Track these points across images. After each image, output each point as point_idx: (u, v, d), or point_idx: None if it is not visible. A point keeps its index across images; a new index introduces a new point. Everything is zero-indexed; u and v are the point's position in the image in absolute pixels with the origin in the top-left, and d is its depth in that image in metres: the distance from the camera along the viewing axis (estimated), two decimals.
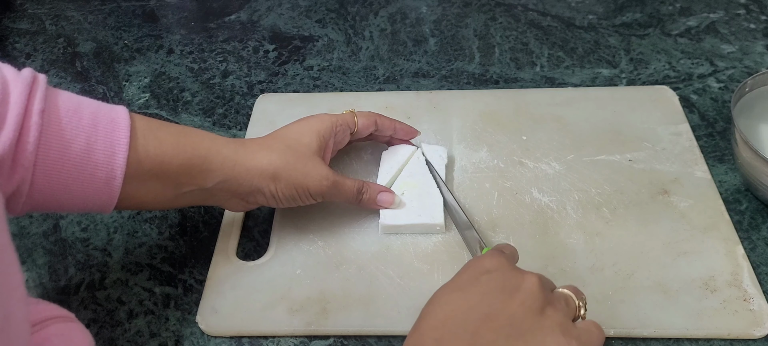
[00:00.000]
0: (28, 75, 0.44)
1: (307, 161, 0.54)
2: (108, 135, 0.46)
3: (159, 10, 0.92)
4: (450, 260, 0.56)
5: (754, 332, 0.50)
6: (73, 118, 0.45)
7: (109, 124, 0.46)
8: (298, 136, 0.55)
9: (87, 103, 0.47)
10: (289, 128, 0.56)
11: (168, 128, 0.50)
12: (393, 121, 0.62)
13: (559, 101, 0.71)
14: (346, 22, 0.87)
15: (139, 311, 0.55)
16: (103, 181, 0.46)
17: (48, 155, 0.44)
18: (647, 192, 0.60)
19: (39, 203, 0.45)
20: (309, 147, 0.54)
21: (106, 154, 0.46)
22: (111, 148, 0.46)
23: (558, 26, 0.84)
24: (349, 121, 0.58)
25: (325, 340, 0.52)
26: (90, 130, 0.45)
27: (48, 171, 0.44)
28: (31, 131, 0.42)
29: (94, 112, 0.46)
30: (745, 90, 0.62)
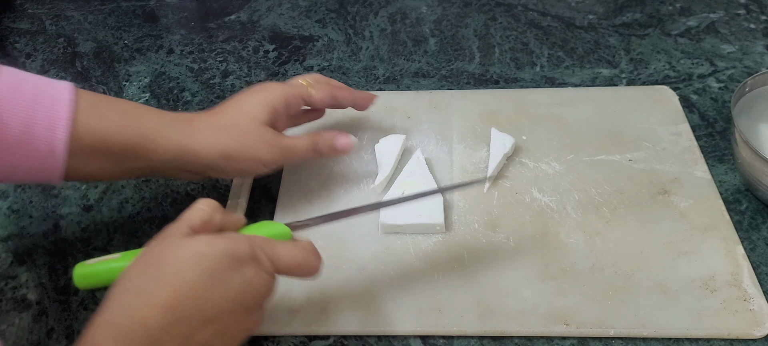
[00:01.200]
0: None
1: (256, 135, 0.54)
2: (48, 110, 0.47)
3: (159, 10, 0.92)
4: (450, 260, 0.56)
5: (754, 332, 0.50)
6: (13, 94, 0.46)
7: (51, 100, 0.47)
8: (247, 109, 0.54)
9: (30, 79, 0.48)
10: (239, 100, 0.56)
11: (114, 106, 0.51)
12: (351, 92, 0.61)
13: (559, 101, 0.71)
14: (346, 22, 0.87)
15: None
16: (45, 154, 0.47)
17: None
18: (647, 192, 0.60)
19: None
20: (258, 120, 0.54)
21: (46, 129, 0.46)
22: (51, 123, 0.47)
23: (558, 26, 0.84)
24: (303, 93, 0.58)
25: (325, 340, 0.52)
26: (30, 106, 0.46)
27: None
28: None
29: (35, 88, 0.47)
30: (745, 90, 0.62)
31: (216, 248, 0.41)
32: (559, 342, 0.51)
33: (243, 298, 0.41)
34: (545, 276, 0.54)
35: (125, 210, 0.64)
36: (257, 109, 0.54)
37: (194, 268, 0.40)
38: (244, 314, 0.42)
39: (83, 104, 0.48)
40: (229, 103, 0.56)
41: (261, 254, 0.43)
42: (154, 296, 0.39)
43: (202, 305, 0.39)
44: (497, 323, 0.51)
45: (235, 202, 0.62)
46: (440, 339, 0.52)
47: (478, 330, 0.51)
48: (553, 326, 0.51)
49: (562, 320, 0.51)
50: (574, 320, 0.51)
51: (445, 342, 0.51)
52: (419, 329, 0.52)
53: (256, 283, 0.42)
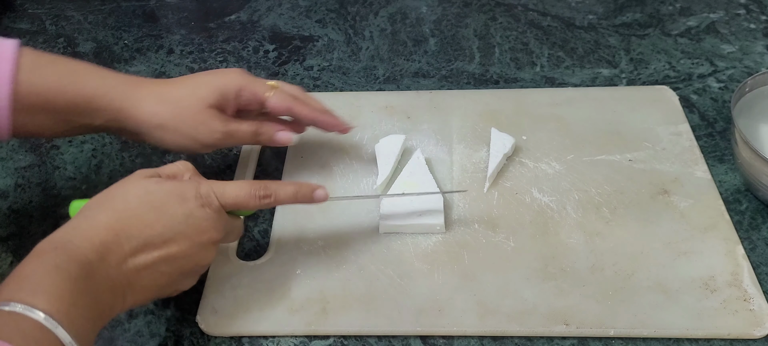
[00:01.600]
0: None
1: (197, 114, 0.54)
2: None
3: (159, 10, 0.92)
4: (450, 260, 0.56)
5: (754, 332, 0.50)
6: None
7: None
8: (194, 88, 0.55)
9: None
10: (193, 78, 0.57)
11: (56, 65, 0.52)
12: (313, 110, 0.59)
13: (559, 101, 0.71)
14: (346, 22, 0.87)
15: (139, 311, 0.55)
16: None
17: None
18: (647, 192, 0.60)
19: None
20: (204, 100, 0.54)
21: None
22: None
23: (558, 26, 0.84)
24: (260, 91, 0.57)
25: (325, 340, 0.52)
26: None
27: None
28: None
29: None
30: (745, 90, 0.62)
31: (163, 187, 0.46)
32: (559, 342, 0.51)
33: (186, 229, 0.45)
34: (545, 276, 0.54)
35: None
36: (205, 90, 0.55)
37: (139, 199, 0.45)
38: (191, 246, 0.46)
39: (26, 62, 0.50)
40: (183, 79, 0.57)
41: (208, 191, 0.47)
42: (99, 219, 0.44)
43: (143, 230, 0.44)
44: (497, 323, 0.51)
45: None
46: (440, 339, 0.52)
47: (478, 330, 0.51)
48: (553, 326, 0.51)
49: (562, 320, 0.51)
50: (574, 320, 0.51)
51: (445, 342, 0.51)
52: (419, 329, 0.52)
53: (199, 216, 0.46)
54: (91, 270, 0.41)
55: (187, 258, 0.46)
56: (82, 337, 0.39)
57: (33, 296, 0.38)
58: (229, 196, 0.48)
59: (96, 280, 0.42)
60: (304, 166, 0.65)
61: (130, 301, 0.45)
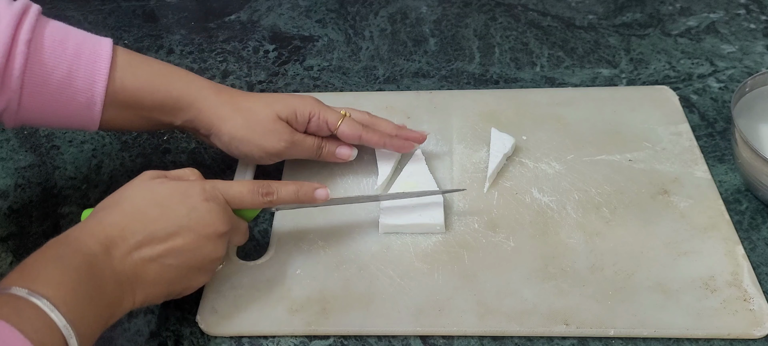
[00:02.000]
0: (19, 6, 0.50)
1: (267, 124, 0.57)
2: (89, 65, 0.51)
3: (159, 10, 0.92)
4: (450, 260, 0.56)
5: (754, 332, 0.50)
6: (58, 49, 0.51)
7: (92, 55, 0.52)
8: (270, 102, 0.58)
9: (74, 33, 0.52)
10: (268, 94, 0.60)
11: (148, 65, 0.55)
12: (383, 136, 0.61)
13: (559, 101, 0.71)
14: (346, 22, 0.87)
15: (139, 311, 0.55)
16: (83, 105, 0.52)
17: (32, 80, 0.50)
18: (647, 192, 0.60)
19: (28, 119, 0.52)
20: (276, 112, 0.57)
21: (86, 82, 0.51)
22: (91, 77, 0.51)
23: (558, 26, 0.84)
24: (331, 119, 0.59)
25: (325, 340, 0.52)
26: (73, 60, 0.51)
27: (33, 94, 0.50)
28: (17, 59, 0.48)
29: (79, 43, 0.52)
30: (745, 90, 0.62)
31: (168, 185, 0.49)
32: (559, 342, 0.51)
33: (190, 222, 0.47)
34: (545, 276, 0.54)
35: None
36: (280, 105, 0.58)
37: (144, 197, 0.47)
38: (197, 239, 0.47)
39: (121, 62, 0.53)
40: (260, 94, 0.61)
41: (212, 187, 0.50)
42: (105, 218, 0.46)
43: (147, 225, 0.46)
44: (497, 323, 0.51)
45: None
46: (440, 339, 0.52)
47: (478, 330, 0.51)
48: (553, 326, 0.51)
49: (562, 320, 0.51)
50: (574, 320, 0.51)
51: (445, 342, 0.51)
52: (419, 329, 0.52)
53: (203, 209, 0.48)
54: (95, 262, 0.43)
55: (193, 251, 0.47)
56: (82, 325, 0.40)
57: (33, 282, 0.39)
58: (233, 192, 0.51)
59: (100, 271, 0.43)
60: (304, 167, 0.65)
61: (140, 296, 0.46)
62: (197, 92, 0.56)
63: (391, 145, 0.61)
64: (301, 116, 0.58)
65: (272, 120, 0.57)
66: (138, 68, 0.54)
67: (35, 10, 0.51)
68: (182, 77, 0.57)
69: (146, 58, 0.56)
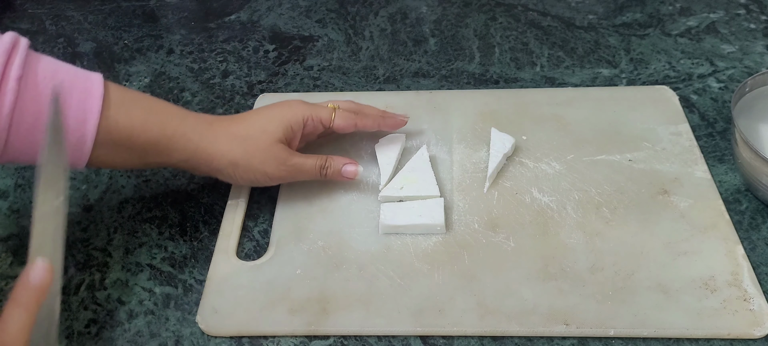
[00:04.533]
0: (8, 40, 0.47)
1: (267, 150, 0.56)
2: (81, 103, 0.49)
3: (159, 10, 0.92)
4: (450, 260, 0.56)
5: (754, 332, 0.50)
6: (49, 84, 0.48)
7: (83, 93, 0.50)
8: (264, 125, 0.57)
9: (65, 70, 0.50)
10: (260, 113, 0.59)
11: (140, 103, 0.54)
12: (376, 119, 0.62)
13: (559, 101, 0.71)
14: (346, 22, 0.87)
15: (139, 311, 0.55)
16: (74, 144, 0.50)
17: (22, 119, 0.47)
18: (647, 192, 0.60)
19: (14, 158, 0.50)
20: (272, 135, 0.56)
21: (77, 121, 0.49)
22: (83, 116, 0.49)
23: (558, 26, 0.84)
24: (325, 117, 0.59)
25: (325, 340, 0.52)
26: (64, 98, 0.49)
27: (22, 132, 0.48)
28: (7, 97, 0.46)
29: (71, 80, 0.50)
30: (745, 90, 0.62)
31: None
32: (559, 342, 0.51)
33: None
34: (545, 276, 0.54)
35: (125, 210, 0.64)
36: (274, 125, 0.57)
37: None
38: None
39: (112, 99, 0.51)
40: (250, 114, 0.59)
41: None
42: None
43: None
44: (497, 323, 0.51)
45: (235, 202, 0.62)
46: (440, 339, 0.52)
47: (478, 330, 0.51)
48: (553, 326, 0.51)
49: (562, 320, 0.51)
50: (574, 320, 0.51)
51: (445, 342, 0.52)
52: (419, 329, 0.52)
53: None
54: None
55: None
56: None
57: None
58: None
59: None
60: None
61: None
62: (191, 130, 0.55)
63: (384, 125, 0.63)
64: (296, 127, 0.58)
65: (270, 145, 0.56)
66: (131, 106, 0.52)
67: (24, 44, 0.48)
68: (175, 114, 0.55)
69: (138, 95, 0.55)
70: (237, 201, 0.62)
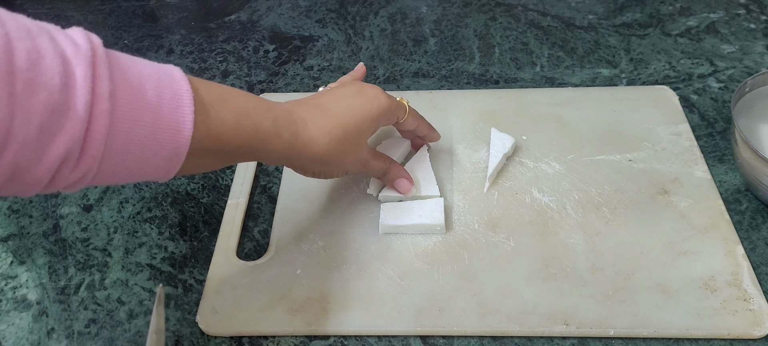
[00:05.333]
0: (86, 47, 0.38)
1: (358, 149, 0.55)
2: (173, 112, 0.41)
3: (159, 10, 0.92)
4: (450, 260, 0.56)
5: (754, 332, 0.50)
6: (139, 96, 0.40)
7: (174, 99, 0.42)
8: (359, 123, 0.53)
9: (147, 72, 0.42)
10: (352, 105, 0.54)
11: (229, 103, 0.46)
12: (428, 127, 0.62)
13: (559, 101, 0.71)
14: (346, 22, 0.87)
15: (139, 311, 0.55)
16: (166, 159, 0.42)
17: (115, 140, 0.39)
18: (647, 192, 0.60)
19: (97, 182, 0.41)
20: (366, 135, 0.55)
21: (171, 133, 0.41)
22: (176, 127, 0.41)
23: (558, 26, 0.84)
24: (400, 114, 0.59)
25: (325, 340, 0.52)
26: (155, 109, 0.40)
27: (114, 156, 0.39)
28: (102, 119, 0.37)
29: (157, 85, 0.42)
30: (745, 90, 0.62)
31: None
32: (559, 342, 0.51)
33: None
34: (545, 276, 0.54)
35: (125, 210, 0.64)
36: (366, 124, 0.54)
37: None
38: None
39: (202, 103, 0.44)
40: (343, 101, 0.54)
41: None
42: None
43: None
44: (497, 323, 0.51)
45: (235, 202, 0.62)
46: (440, 339, 0.52)
47: (478, 330, 0.51)
48: (553, 326, 0.51)
49: (562, 320, 0.51)
50: (574, 320, 0.51)
51: (445, 342, 0.52)
52: (419, 329, 0.52)
53: None
54: None
55: None
56: None
57: None
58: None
59: None
60: None
61: None
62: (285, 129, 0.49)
63: (430, 136, 0.63)
64: (383, 123, 0.57)
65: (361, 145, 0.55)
66: (220, 109, 0.45)
67: (101, 48, 0.39)
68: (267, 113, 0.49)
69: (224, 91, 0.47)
70: (237, 201, 0.62)
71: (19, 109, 0.33)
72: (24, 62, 0.34)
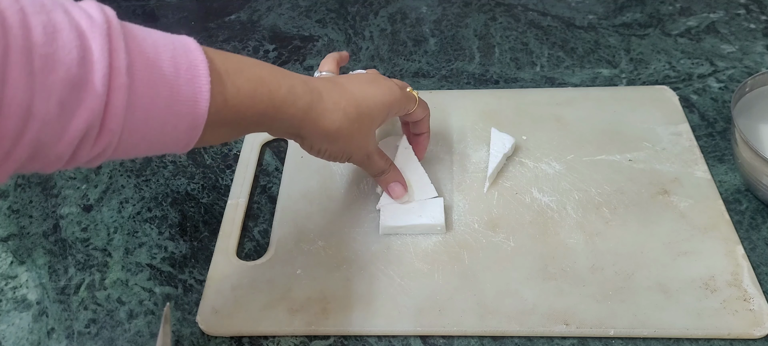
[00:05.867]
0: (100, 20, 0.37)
1: (366, 135, 0.54)
2: (190, 82, 0.41)
3: (159, 10, 0.92)
4: (450, 260, 0.56)
5: (754, 332, 0.50)
6: (155, 68, 0.40)
7: (190, 69, 0.41)
8: (372, 108, 0.53)
9: (162, 43, 0.41)
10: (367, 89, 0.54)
11: (245, 72, 0.46)
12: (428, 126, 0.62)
13: (559, 101, 0.71)
14: (346, 22, 0.87)
15: (139, 311, 0.55)
16: (184, 131, 0.42)
17: (134, 114, 0.38)
18: (647, 192, 0.60)
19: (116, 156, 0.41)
20: (376, 123, 0.54)
21: (188, 105, 0.41)
22: (193, 98, 0.41)
23: (558, 26, 0.84)
24: (410, 106, 0.58)
25: (325, 340, 0.52)
26: (172, 81, 0.40)
27: (134, 129, 0.39)
28: (120, 93, 0.37)
29: (173, 56, 0.41)
30: (745, 90, 0.62)
31: None
32: (559, 342, 0.51)
33: None
34: (545, 276, 0.54)
35: (125, 210, 0.64)
36: (378, 110, 0.54)
37: None
38: None
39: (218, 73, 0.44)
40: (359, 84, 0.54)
41: None
42: None
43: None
44: (497, 323, 0.51)
45: (235, 202, 0.62)
46: (440, 339, 0.52)
47: (478, 330, 0.51)
48: (553, 326, 0.51)
49: (562, 320, 0.51)
50: (574, 320, 0.51)
51: (445, 342, 0.52)
52: (419, 329, 0.52)
53: None
54: None
55: None
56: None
57: None
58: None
59: None
60: (304, 166, 0.65)
61: None
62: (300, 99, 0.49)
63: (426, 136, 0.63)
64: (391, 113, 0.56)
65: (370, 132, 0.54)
66: (236, 77, 0.45)
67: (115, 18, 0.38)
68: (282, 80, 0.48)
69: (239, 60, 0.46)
70: (237, 201, 0.62)
71: (38, 86, 0.33)
72: (41, 37, 0.33)
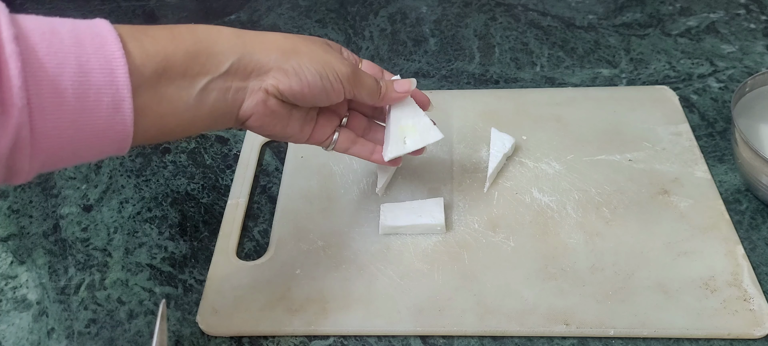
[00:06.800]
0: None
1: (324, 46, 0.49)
2: (98, 50, 0.39)
3: (159, 10, 0.92)
4: (450, 260, 0.56)
5: (754, 332, 0.50)
6: (54, 41, 0.38)
7: (95, 38, 0.39)
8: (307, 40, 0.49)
9: (60, 21, 0.40)
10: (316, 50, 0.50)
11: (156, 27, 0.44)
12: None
13: (559, 101, 0.71)
14: (346, 22, 0.87)
15: (139, 311, 0.55)
16: (110, 106, 0.38)
17: (40, 89, 0.36)
18: (647, 192, 0.60)
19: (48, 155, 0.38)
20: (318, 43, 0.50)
21: (104, 73, 0.38)
22: (107, 64, 0.38)
23: (558, 26, 0.84)
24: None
25: (325, 340, 0.52)
26: (77, 50, 0.38)
27: (45, 108, 0.36)
28: (11, 63, 0.35)
29: (73, 30, 0.40)
30: (745, 90, 0.62)
31: None
32: (559, 342, 0.51)
33: None
34: (545, 276, 0.54)
35: (125, 210, 0.64)
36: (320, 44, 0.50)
37: None
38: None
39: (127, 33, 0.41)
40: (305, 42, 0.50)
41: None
42: None
43: None
44: (497, 323, 0.51)
45: (235, 202, 0.62)
46: (440, 339, 0.52)
47: (478, 330, 0.51)
48: (553, 326, 0.51)
49: (562, 320, 0.51)
50: (574, 320, 0.51)
51: (445, 342, 0.52)
52: (419, 329, 0.52)
53: None
54: None
55: None
56: None
57: None
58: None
59: None
60: (304, 166, 0.65)
61: None
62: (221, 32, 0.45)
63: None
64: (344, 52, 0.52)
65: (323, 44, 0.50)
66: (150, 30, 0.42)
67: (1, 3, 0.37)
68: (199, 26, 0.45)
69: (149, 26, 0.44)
70: (237, 201, 0.62)
71: None
72: None
